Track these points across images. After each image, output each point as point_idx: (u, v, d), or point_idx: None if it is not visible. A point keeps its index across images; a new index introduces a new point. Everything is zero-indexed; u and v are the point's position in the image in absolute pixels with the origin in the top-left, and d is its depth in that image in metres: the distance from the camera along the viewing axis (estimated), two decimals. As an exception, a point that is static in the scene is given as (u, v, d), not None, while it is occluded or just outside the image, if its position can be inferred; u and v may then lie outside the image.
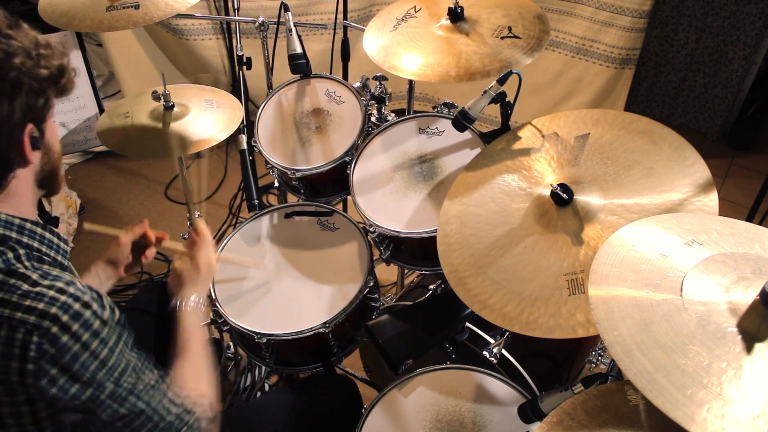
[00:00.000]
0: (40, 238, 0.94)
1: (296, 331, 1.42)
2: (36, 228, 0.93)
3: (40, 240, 0.93)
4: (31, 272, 0.85)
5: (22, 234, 0.91)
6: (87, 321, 0.85)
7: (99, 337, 0.86)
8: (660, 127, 1.25)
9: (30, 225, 0.92)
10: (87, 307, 0.85)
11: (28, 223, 0.92)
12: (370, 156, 1.65)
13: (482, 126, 2.73)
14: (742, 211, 2.52)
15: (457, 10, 1.53)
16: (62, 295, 0.84)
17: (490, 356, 1.40)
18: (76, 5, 1.62)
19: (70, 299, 0.84)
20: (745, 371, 0.74)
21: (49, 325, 0.82)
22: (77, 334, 0.83)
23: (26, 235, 0.91)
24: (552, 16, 2.83)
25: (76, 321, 0.83)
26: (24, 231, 0.91)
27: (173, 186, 2.99)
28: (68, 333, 0.83)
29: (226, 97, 1.84)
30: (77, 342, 0.83)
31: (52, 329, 0.82)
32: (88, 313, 0.85)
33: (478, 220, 1.28)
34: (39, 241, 0.93)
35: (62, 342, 0.82)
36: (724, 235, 0.92)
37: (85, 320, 0.84)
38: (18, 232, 0.90)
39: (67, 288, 0.85)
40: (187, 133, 1.70)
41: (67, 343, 0.83)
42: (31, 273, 0.85)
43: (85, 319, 0.84)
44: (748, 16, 2.88)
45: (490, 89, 1.37)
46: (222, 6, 2.88)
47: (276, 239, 1.65)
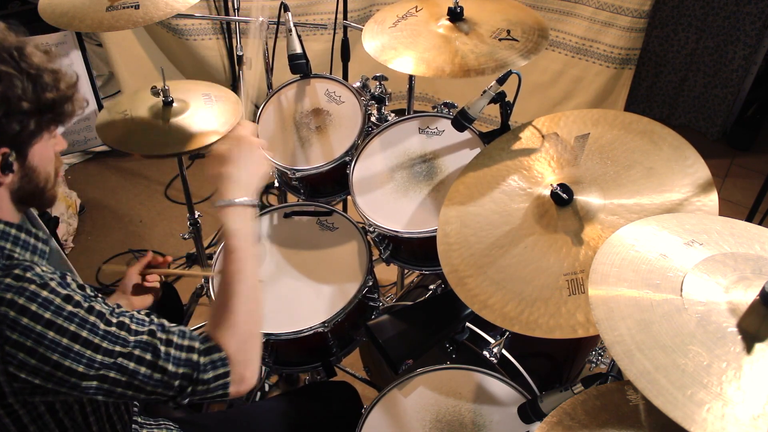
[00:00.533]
0: (14, 239, 0.92)
1: (295, 330, 1.42)
2: (10, 229, 0.92)
3: (13, 241, 0.92)
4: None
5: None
6: (46, 299, 0.83)
7: (63, 313, 0.84)
8: (660, 127, 1.25)
9: (2, 226, 0.91)
10: (44, 287, 0.84)
11: (1, 224, 0.91)
12: (370, 156, 1.65)
13: (482, 126, 2.73)
14: (742, 211, 2.52)
15: (457, 10, 1.53)
16: (18, 281, 0.83)
17: (490, 356, 1.40)
18: (76, 5, 1.61)
19: (25, 283, 0.83)
20: (745, 371, 0.74)
21: (5, 311, 0.81)
22: (37, 315, 0.82)
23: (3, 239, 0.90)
24: (552, 16, 2.83)
25: (32, 301, 0.82)
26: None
27: (173, 186, 2.98)
28: (27, 315, 0.81)
29: (224, 91, 1.84)
30: (38, 322, 0.82)
31: (9, 314, 0.81)
32: (45, 292, 0.83)
33: (478, 220, 1.28)
34: (12, 242, 0.91)
35: (23, 324, 0.81)
36: (724, 235, 0.91)
37: (44, 299, 0.83)
38: None
39: (24, 273, 0.84)
40: (187, 128, 1.70)
41: (28, 325, 0.81)
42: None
43: (44, 298, 0.83)
44: (748, 16, 2.88)
45: (489, 89, 1.37)
46: (222, 6, 2.88)
47: (276, 239, 1.65)
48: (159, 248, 2.65)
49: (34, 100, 0.88)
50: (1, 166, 0.88)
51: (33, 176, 0.94)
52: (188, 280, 2.52)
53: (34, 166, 0.93)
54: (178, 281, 2.51)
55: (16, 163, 0.91)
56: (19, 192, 0.94)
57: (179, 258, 2.60)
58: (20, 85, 0.86)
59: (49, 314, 0.83)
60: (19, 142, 0.89)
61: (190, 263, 2.59)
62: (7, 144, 0.88)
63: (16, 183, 0.93)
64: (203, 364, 0.93)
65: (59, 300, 0.84)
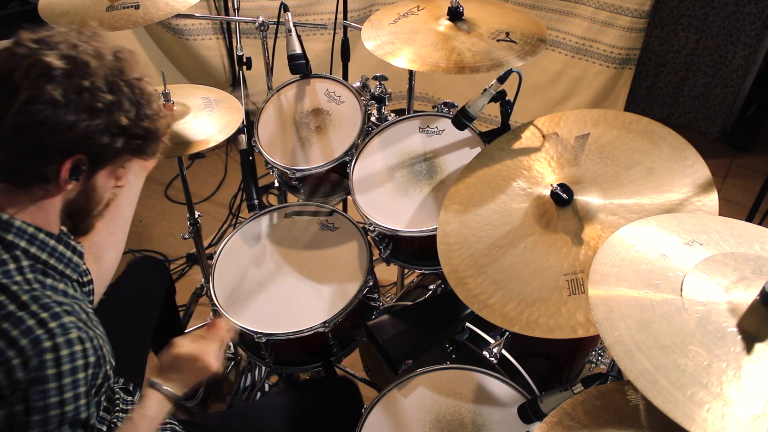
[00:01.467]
0: (51, 250, 0.94)
1: (296, 330, 1.42)
2: (49, 240, 0.94)
3: (50, 252, 0.94)
4: (23, 293, 0.86)
5: (32, 244, 0.91)
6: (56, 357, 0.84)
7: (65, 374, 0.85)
8: (660, 127, 1.25)
9: (43, 236, 0.93)
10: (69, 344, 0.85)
11: (42, 233, 0.93)
12: (370, 155, 1.65)
13: (482, 125, 2.73)
14: (742, 211, 2.52)
15: (458, 10, 1.53)
16: (41, 328, 0.84)
17: (490, 356, 1.40)
18: (76, 5, 1.61)
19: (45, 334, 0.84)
20: (745, 371, 0.74)
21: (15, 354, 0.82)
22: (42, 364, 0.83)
23: (36, 246, 0.92)
24: (552, 16, 2.83)
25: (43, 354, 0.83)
26: (35, 241, 0.92)
27: (173, 186, 2.98)
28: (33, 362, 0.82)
29: (224, 96, 1.84)
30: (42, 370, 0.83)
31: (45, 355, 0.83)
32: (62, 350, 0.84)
33: (478, 219, 1.28)
34: (49, 253, 0.93)
35: (31, 367, 0.82)
36: (724, 235, 0.91)
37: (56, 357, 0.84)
38: (28, 241, 0.91)
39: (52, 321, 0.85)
40: (187, 132, 1.70)
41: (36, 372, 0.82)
42: (22, 294, 0.85)
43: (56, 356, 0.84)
44: (748, 16, 2.88)
45: (490, 88, 1.37)
46: (222, 6, 2.88)
47: (276, 239, 1.65)
48: (159, 248, 2.65)
49: (133, 121, 0.93)
50: (71, 171, 0.90)
51: (91, 195, 0.98)
52: (188, 280, 2.53)
53: (96, 186, 0.97)
54: (179, 281, 2.52)
55: (84, 175, 0.93)
56: (71, 205, 0.96)
57: (179, 258, 2.61)
58: (126, 105, 0.92)
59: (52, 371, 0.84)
60: (98, 156, 0.93)
61: (190, 263, 2.59)
62: (88, 152, 0.91)
63: (73, 194, 0.95)
64: None
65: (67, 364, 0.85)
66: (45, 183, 0.91)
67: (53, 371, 0.83)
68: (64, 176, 0.90)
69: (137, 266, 1.64)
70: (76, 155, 0.90)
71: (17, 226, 0.90)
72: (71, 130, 0.87)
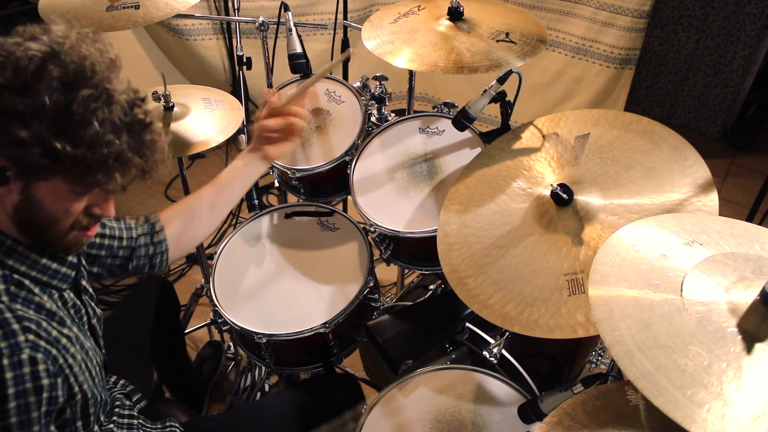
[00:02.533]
0: (31, 263, 0.90)
1: (296, 331, 1.42)
2: (30, 252, 0.89)
3: (30, 265, 0.89)
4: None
5: (9, 256, 0.87)
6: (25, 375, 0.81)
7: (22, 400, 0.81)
8: (660, 127, 1.25)
9: (22, 248, 0.88)
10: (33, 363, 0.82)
11: (21, 246, 0.88)
12: (370, 156, 1.65)
13: (482, 126, 2.73)
14: (742, 211, 2.52)
15: (458, 9, 1.53)
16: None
17: (490, 356, 1.40)
18: (76, 5, 1.61)
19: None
20: (745, 371, 0.74)
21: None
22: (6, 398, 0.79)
23: (13, 258, 0.88)
24: (552, 16, 2.83)
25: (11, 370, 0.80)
26: (13, 254, 0.88)
27: (173, 186, 2.98)
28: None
29: (224, 96, 1.84)
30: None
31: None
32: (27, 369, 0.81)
33: (479, 220, 1.28)
34: (28, 266, 0.89)
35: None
36: (724, 235, 0.92)
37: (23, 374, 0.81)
38: (6, 253, 0.87)
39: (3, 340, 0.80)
40: (188, 132, 1.70)
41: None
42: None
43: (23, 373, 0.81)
44: (748, 16, 2.88)
45: (490, 88, 1.37)
46: (222, 6, 2.88)
47: (276, 239, 1.65)
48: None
49: (41, 136, 0.80)
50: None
51: (32, 208, 0.87)
52: (188, 280, 2.52)
53: (37, 199, 0.86)
54: (178, 281, 2.52)
55: (15, 183, 0.84)
56: (17, 214, 0.87)
57: (179, 258, 2.61)
58: (42, 116, 0.80)
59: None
60: (25, 166, 0.82)
61: (190, 263, 2.59)
62: (8, 158, 0.81)
63: (10, 203, 0.86)
64: None
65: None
66: None
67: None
68: None
69: (144, 285, 1.65)
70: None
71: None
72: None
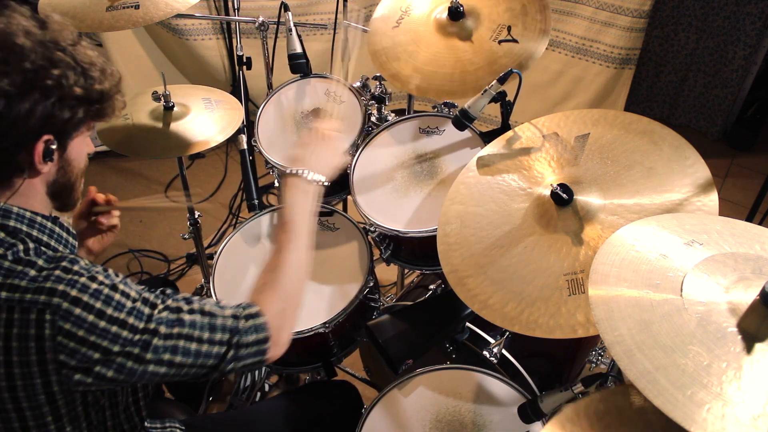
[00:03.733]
0: (50, 232, 0.95)
1: (296, 330, 1.42)
2: (46, 222, 0.95)
3: (49, 234, 0.95)
4: (37, 259, 0.87)
5: (33, 227, 0.92)
6: (96, 291, 0.86)
7: (112, 303, 0.87)
8: (660, 127, 1.25)
9: (41, 219, 0.94)
10: (93, 279, 0.87)
11: (39, 216, 0.94)
12: (370, 155, 1.65)
13: (482, 126, 2.73)
14: (742, 211, 2.52)
15: (458, 10, 1.53)
16: (68, 274, 0.86)
17: (490, 356, 1.40)
18: (76, 5, 1.61)
19: (75, 276, 0.86)
20: (745, 371, 0.74)
21: (59, 302, 0.84)
22: (89, 305, 0.85)
23: (36, 229, 0.93)
24: (552, 16, 2.81)
25: (84, 293, 0.85)
26: (35, 224, 0.93)
27: (173, 186, 2.98)
28: (80, 305, 0.85)
29: (224, 96, 1.84)
30: (91, 312, 0.85)
31: (63, 305, 0.84)
32: (95, 285, 0.87)
33: (479, 220, 1.28)
34: (48, 234, 0.95)
35: (76, 315, 0.84)
36: (724, 235, 0.91)
37: (95, 290, 0.86)
38: (29, 225, 0.92)
39: (71, 266, 0.87)
40: (187, 132, 1.71)
41: (81, 315, 0.85)
42: (36, 259, 0.87)
43: (94, 290, 0.86)
44: (748, 16, 2.88)
45: (490, 88, 1.37)
46: (222, 6, 2.88)
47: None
48: (159, 248, 2.65)
49: (85, 88, 0.91)
50: (43, 153, 0.90)
51: (68, 170, 0.97)
52: (188, 279, 2.53)
53: (70, 159, 0.97)
54: (178, 281, 2.52)
55: (57, 153, 0.93)
56: (54, 185, 0.97)
57: (179, 258, 2.61)
58: (72, 75, 0.90)
59: (99, 304, 0.86)
60: (64, 131, 0.92)
61: (190, 263, 2.59)
62: (53, 131, 0.90)
63: (52, 174, 0.95)
64: (244, 329, 0.96)
65: (107, 290, 0.88)
66: (21, 172, 0.91)
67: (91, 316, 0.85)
68: (38, 161, 0.90)
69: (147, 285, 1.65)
70: (42, 138, 0.89)
71: (15, 212, 0.91)
72: (30, 116, 0.86)
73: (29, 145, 0.89)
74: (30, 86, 0.86)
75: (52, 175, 0.95)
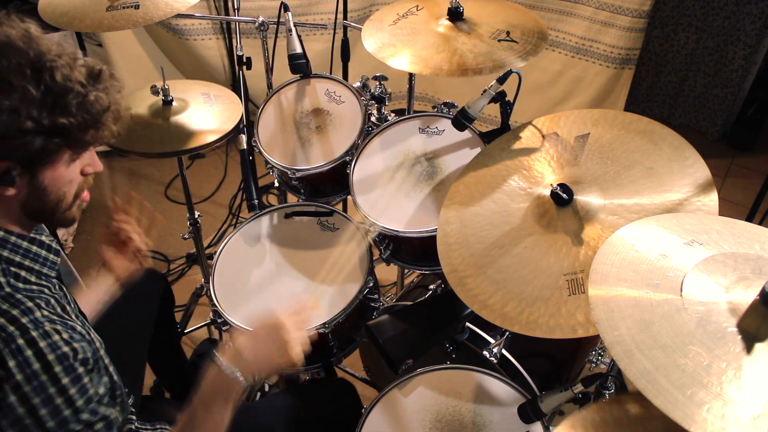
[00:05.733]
0: (24, 252, 0.91)
1: (296, 331, 1.42)
2: (21, 242, 0.91)
3: (23, 254, 0.91)
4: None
5: (3, 248, 0.89)
6: (55, 344, 0.83)
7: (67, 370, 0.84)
8: (660, 127, 1.25)
9: (14, 239, 0.90)
10: (53, 334, 0.84)
11: (13, 236, 0.90)
12: (370, 155, 1.65)
13: (482, 126, 2.73)
14: (742, 211, 2.52)
15: (458, 10, 1.53)
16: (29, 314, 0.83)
17: (490, 356, 1.40)
18: (76, 5, 1.61)
19: (40, 320, 0.84)
20: (745, 371, 0.74)
21: (15, 333, 0.81)
22: (42, 353, 0.82)
23: (8, 249, 0.90)
24: (552, 16, 2.83)
25: (44, 340, 0.82)
26: (6, 245, 0.89)
27: (173, 186, 2.98)
28: (33, 348, 0.82)
29: (223, 91, 1.84)
30: (47, 372, 0.82)
31: (18, 339, 0.81)
32: (57, 337, 0.84)
33: (478, 220, 1.28)
34: (22, 255, 0.91)
35: (25, 356, 0.81)
36: (724, 235, 0.91)
37: (53, 343, 0.83)
38: (0, 245, 0.89)
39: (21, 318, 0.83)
40: (187, 127, 1.70)
41: (29, 358, 0.82)
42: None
43: (53, 342, 0.83)
44: (748, 16, 2.88)
45: (489, 88, 1.37)
46: (222, 6, 2.88)
47: (276, 239, 1.65)
48: (159, 248, 2.65)
49: (43, 120, 0.82)
50: (1, 178, 0.84)
51: (42, 196, 0.90)
52: (188, 280, 2.53)
53: (43, 186, 0.89)
54: (178, 281, 2.52)
55: (22, 179, 0.86)
56: (27, 207, 0.91)
57: (179, 258, 2.61)
58: (34, 102, 0.81)
59: (55, 362, 0.83)
60: (26, 160, 0.85)
61: (190, 263, 2.59)
62: (11, 158, 0.83)
63: (23, 197, 0.89)
64: None
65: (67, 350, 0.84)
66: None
67: (38, 365, 0.82)
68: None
69: (137, 278, 1.64)
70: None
71: None
72: None
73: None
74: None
75: (23, 197, 0.89)
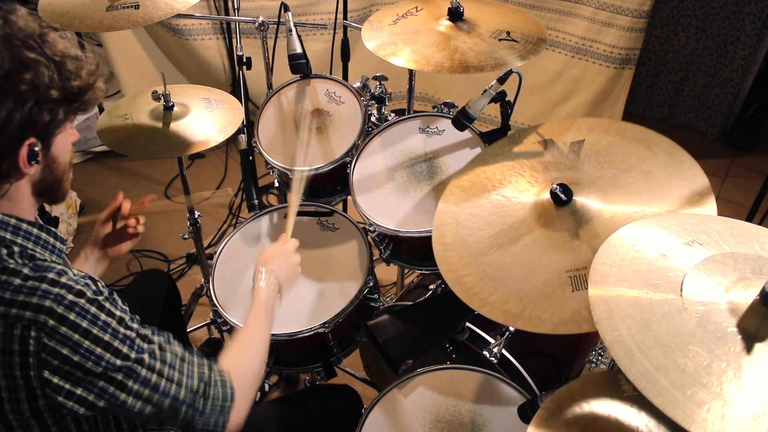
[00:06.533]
0: (35, 239, 0.93)
1: (296, 331, 1.42)
2: (32, 229, 0.93)
3: (35, 241, 0.93)
4: (22, 267, 0.85)
5: (17, 235, 0.91)
6: (83, 309, 0.85)
7: (98, 323, 0.86)
8: (655, 135, 1.25)
9: (26, 226, 0.92)
10: (81, 296, 0.85)
11: (24, 223, 0.92)
12: (370, 156, 1.65)
13: (482, 126, 2.73)
14: (742, 211, 2.52)
15: (458, 10, 1.53)
16: (55, 287, 0.84)
17: (490, 356, 1.40)
18: (76, 5, 1.61)
19: (63, 290, 0.84)
20: (745, 371, 0.74)
21: (45, 319, 0.82)
22: (75, 324, 0.84)
23: (21, 236, 0.91)
24: (552, 16, 2.83)
25: (71, 311, 0.84)
26: (19, 232, 0.91)
27: (173, 186, 2.98)
28: (66, 324, 0.83)
29: (224, 96, 1.84)
30: (76, 331, 0.84)
31: (49, 322, 0.82)
32: (82, 301, 0.85)
33: (476, 220, 1.28)
34: (33, 242, 0.93)
35: (61, 333, 0.83)
36: (724, 235, 0.92)
37: (81, 308, 0.85)
38: (13, 232, 0.90)
39: (59, 278, 0.85)
40: (187, 132, 1.70)
41: (66, 334, 0.83)
42: (21, 268, 0.85)
43: (81, 307, 0.85)
44: (748, 16, 2.88)
45: (490, 88, 1.37)
46: (222, 6, 2.88)
47: (276, 239, 1.64)
48: (159, 248, 2.65)
49: (61, 87, 0.87)
50: (28, 157, 0.88)
51: (54, 167, 0.95)
52: (188, 280, 2.53)
53: (55, 156, 0.94)
54: (178, 281, 2.52)
55: (41, 154, 0.91)
56: (40, 184, 0.94)
57: (179, 258, 2.61)
58: (47, 73, 0.85)
59: (86, 323, 0.85)
60: (46, 131, 0.89)
61: (190, 263, 2.59)
62: (35, 134, 0.87)
63: (38, 174, 0.93)
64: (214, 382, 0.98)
65: (94, 309, 0.86)
66: (7, 178, 0.89)
67: (77, 333, 0.84)
68: (23, 165, 0.88)
69: (143, 279, 1.65)
70: (25, 142, 0.87)
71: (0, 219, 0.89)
72: (8, 124, 0.83)
73: (12, 152, 0.86)
74: (2, 94, 0.82)
75: (38, 175, 0.93)
